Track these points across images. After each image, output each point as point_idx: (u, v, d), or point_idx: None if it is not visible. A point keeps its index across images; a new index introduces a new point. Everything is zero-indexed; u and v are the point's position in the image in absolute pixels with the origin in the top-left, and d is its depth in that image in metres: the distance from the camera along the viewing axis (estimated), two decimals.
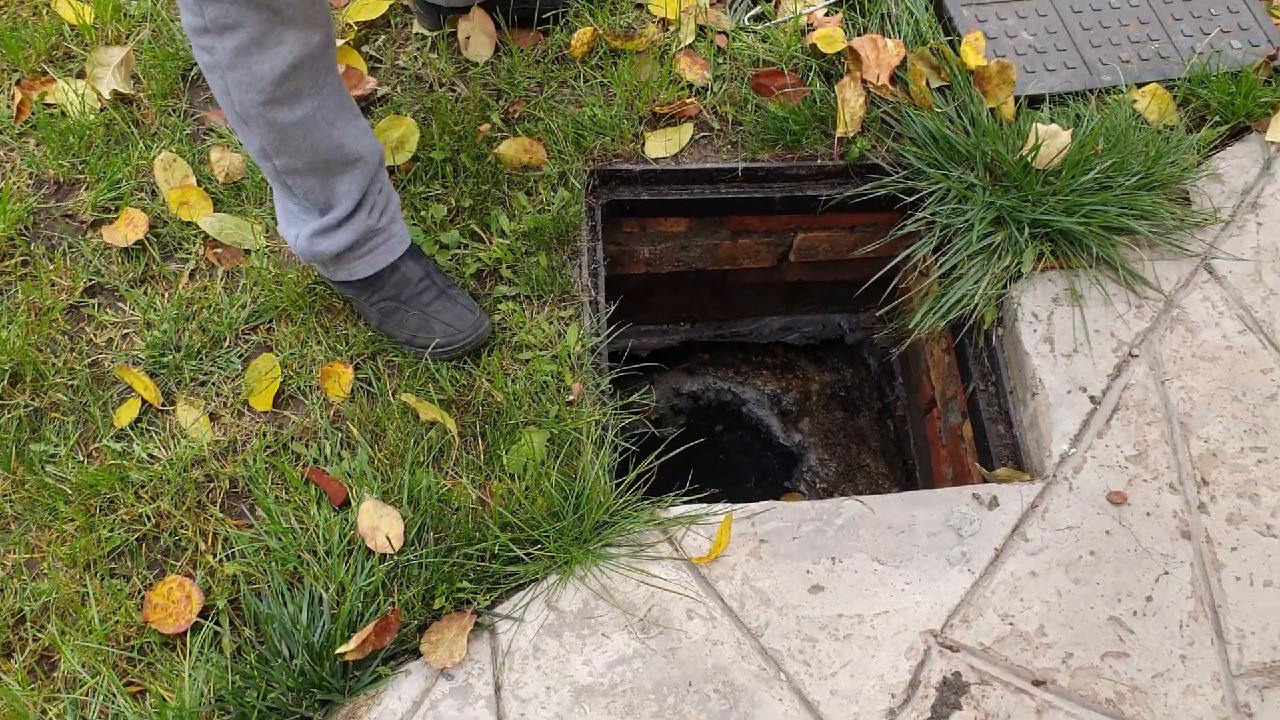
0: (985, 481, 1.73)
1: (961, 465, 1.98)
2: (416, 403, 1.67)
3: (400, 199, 1.87)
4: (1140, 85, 2.04)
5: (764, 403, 2.71)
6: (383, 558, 1.54)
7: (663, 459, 1.70)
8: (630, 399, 1.78)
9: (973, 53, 1.99)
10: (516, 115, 2.00)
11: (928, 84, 2.00)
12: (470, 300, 1.75)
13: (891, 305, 2.14)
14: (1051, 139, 1.87)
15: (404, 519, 1.57)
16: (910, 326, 1.93)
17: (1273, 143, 2.03)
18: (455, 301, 1.73)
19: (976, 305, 1.84)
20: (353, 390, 1.72)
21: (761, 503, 1.66)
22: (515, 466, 1.65)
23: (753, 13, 2.15)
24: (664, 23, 2.13)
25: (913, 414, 2.39)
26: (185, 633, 1.51)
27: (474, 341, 1.73)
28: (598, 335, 1.82)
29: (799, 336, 2.67)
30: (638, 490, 1.64)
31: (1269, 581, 1.57)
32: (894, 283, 2.00)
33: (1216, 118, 2.02)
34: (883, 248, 2.10)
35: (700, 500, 1.68)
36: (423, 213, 1.88)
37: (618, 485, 1.64)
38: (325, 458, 1.66)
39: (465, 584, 1.53)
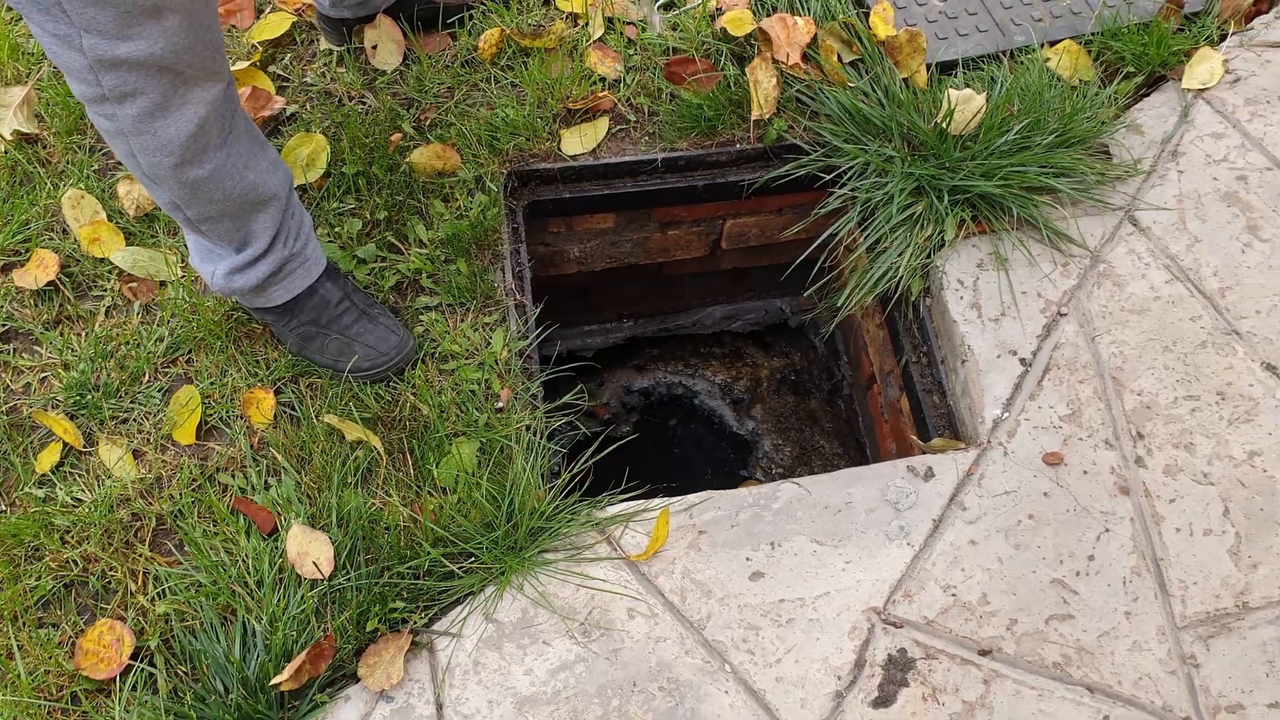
0: (922, 453, 1.72)
1: (903, 439, 1.97)
2: (340, 423, 1.64)
3: (313, 217, 1.84)
4: (1053, 43, 2.03)
5: (715, 393, 2.68)
6: (313, 584, 1.51)
7: (613, 459, 1.67)
8: (561, 400, 1.76)
9: (882, 23, 1.97)
10: (428, 122, 1.97)
11: (839, 59, 1.98)
12: (393, 319, 1.72)
13: (820, 284, 2.13)
14: (965, 104, 1.86)
15: (333, 542, 1.54)
16: (838, 304, 1.92)
17: (1189, 90, 2.02)
18: (377, 322, 1.70)
19: (902, 277, 1.83)
20: (275, 415, 1.69)
21: (698, 493, 1.64)
22: (446, 479, 1.62)
23: (661, 0, 2.13)
24: (573, 18, 2.10)
25: (857, 392, 2.37)
26: (117, 677, 1.47)
27: (398, 363, 1.70)
28: (525, 339, 1.80)
29: (743, 324, 2.65)
30: (574, 493, 1.62)
31: (1208, 530, 1.56)
32: (820, 261, 1.98)
33: (1130, 69, 2.01)
34: (811, 227, 2.08)
35: (639, 496, 1.65)
36: (338, 229, 1.85)
37: (551, 489, 1.61)
38: (252, 486, 1.63)
39: (399, 603, 1.50)
